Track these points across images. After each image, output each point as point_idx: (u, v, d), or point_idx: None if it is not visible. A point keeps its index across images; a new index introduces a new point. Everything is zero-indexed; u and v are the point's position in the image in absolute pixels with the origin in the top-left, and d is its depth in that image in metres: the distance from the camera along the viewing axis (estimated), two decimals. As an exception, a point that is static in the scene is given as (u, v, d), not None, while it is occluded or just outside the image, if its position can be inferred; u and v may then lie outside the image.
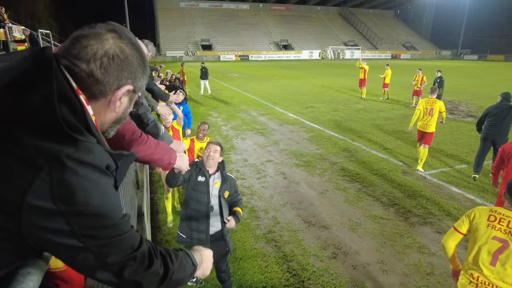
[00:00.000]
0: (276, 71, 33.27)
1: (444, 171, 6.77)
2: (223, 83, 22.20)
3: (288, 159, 7.42)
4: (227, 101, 15.10)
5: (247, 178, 6.39)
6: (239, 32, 64.64)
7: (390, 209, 5.20)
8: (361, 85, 15.75)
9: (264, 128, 10.19)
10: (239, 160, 7.34)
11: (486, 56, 64.64)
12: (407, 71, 27.14)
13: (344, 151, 8.00)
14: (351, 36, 71.47)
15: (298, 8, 75.36)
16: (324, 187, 5.98)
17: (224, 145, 8.30)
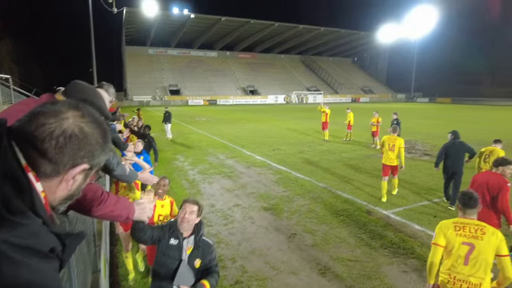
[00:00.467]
0: (243, 114, 34.02)
1: (406, 209, 6.99)
2: (191, 127, 22.25)
3: (256, 203, 7.36)
4: (195, 145, 15.05)
5: (214, 225, 6.22)
6: (207, 77, 66.41)
7: (357, 250, 5.22)
8: (323, 127, 16.42)
9: (232, 171, 10.16)
10: (206, 206, 7.16)
11: (436, 98, 70.54)
12: (366, 114, 28.81)
13: (310, 192, 8.09)
14: (313, 82, 75.62)
15: (263, 56, 79.40)
16: (292, 231, 5.93)
17: (190, 190, 8.14)
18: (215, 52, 74.68)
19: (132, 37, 65.04)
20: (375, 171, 10.18)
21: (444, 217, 6.36)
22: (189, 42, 71.46)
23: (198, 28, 63.74)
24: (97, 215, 1.61)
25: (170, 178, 9.00)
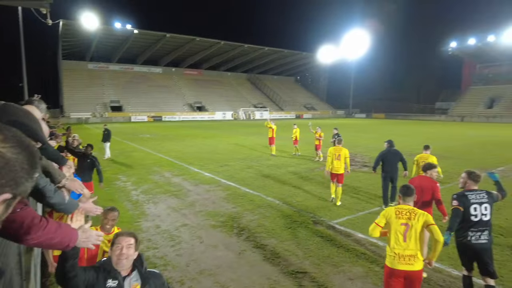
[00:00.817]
0: (190, 131, 33.47)
1: (350, 219, 7.33)
2: (133, 145, 21.26)
3: (204, 221, 7.19)
4: (138, 163, 14.37)
5: (160, 247, 5.92)
6: (151, 93, 64.48)
7: (306, 262, 5.31)
8: (270, 143, 16.79)
9: (179, 190, 9.85)
10: (150, 228, 6.82)
11: (371, 114, 76.83)
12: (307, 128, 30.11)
13: (260, 207, 8.13)
14: (259, 99, 77.42)
15: (209, 73, 79.58)
16: (242, 247, 5.87)
17: (133, 212, 7.71)
18: (160, 68, 73.14)
19: (70, 51, 61.09)
20: (320, 183, 10.59)
21: (383, 225, 6.80)
22: (132, 57, 69.11)
23: (142, 44, 62.10)
24: (34, 243, 1.46)
25: (111, 199, 8.48)
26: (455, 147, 20.28)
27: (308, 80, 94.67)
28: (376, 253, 5.61)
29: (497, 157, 16.01)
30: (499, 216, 7.55)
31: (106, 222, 3.44)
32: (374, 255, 5.53)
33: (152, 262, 5.22)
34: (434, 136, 26.72)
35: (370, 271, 5.00)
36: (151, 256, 5.46)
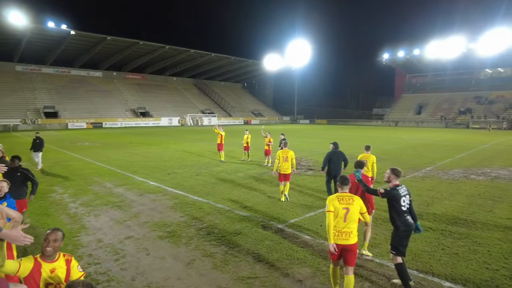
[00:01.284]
0: (134, 138, 32.01)
1: (297, 221, 7.55)
2: (71, 153, 19.73)
3: (150, 232, 6.90)
4: (76, 174, 13.36)
5: (102, 262, 5.55)
6: (90, 99, 60.54)
7: (256, 266, 5.36)
8: (219, 149, 16.72)
9: (122, 201, 9.34)
10: (91, 242, 6.37)
11: (315, 120, 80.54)
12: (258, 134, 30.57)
13: (209, 214, 8.03)
14: (207, 105, 76.77)
15: (154, 77, 77.08)
16: (191, 257, 5.74)
17: (71, 226, 7.15)
18: (100, 71, 69.07)
19: (-7, 51, 55.10)
20: (269, 187, 10.78)
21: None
22: (69, 60, 64.31)
23: (81, 46, 58.16)
24: None
25: (45, 213, 7.81)
26: (391, 149, 22.02)
27: (255, 87, 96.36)
28: (323, 253, 5.84)
29: (426, 158, 17.69)
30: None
31: (46, 244, 2.80)
32: (321, 255, 5.75)
33: (94, 279, 4.88)
34: (372, 140, 28.69)
35: (317, 271, 5.19)
36: (93, 272, 5.10)
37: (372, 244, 6.19)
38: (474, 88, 68.20)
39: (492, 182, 11.87)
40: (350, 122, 76.40)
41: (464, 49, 61.19)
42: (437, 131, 46.14)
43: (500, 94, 64.16)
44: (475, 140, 30.32)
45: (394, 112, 73.91)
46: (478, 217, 7.83)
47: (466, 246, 6.16)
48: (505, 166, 15.30)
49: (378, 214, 7.97)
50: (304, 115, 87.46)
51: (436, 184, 11.51)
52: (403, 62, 74.30)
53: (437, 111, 67.45)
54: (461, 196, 9.93)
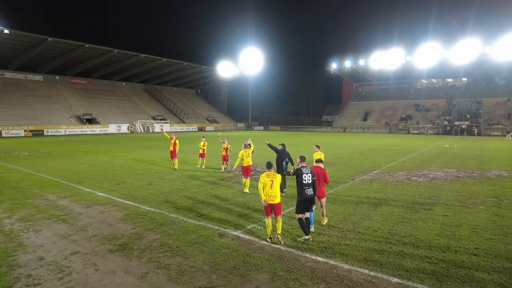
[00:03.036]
0: (79, 146, 30.03)
1: (253, 227, 7.56)
2: (5, 164, 17.94)
3: (99, 246, 6.47)
4: (12, 186, 12.17)
5: (45, 281, 5.08)
6: (29, 104, 55.84)
7: (213, 275, 5.26)
8: (172, 156, 16.27)
9: (67, 214, 8.67)
10: (31, 261, 5.81)
11: (269, 126, 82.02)
12: (214, 141, 30.29)
13: (162, 225, 7.74)
14: (159, 111, 74.59)
15: (101, 82, 73.32)
16: (144, 270, 5.47)
17: (6, 244, 6.51)
18: (40, 75, 64.13)
19: None
20: (225, 194, 10.70)
21: (284, 229, 7.23)
22: (3, 61, 58.82)
23: (17, 47, 53.57)
24: None
25: (-26, 232, 6.95)
26: (340, 154, 23.07)
27: (209, 93, 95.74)
28: (279, 257, 5.91)
29: (373, 162, 18.79)
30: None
31: None
32: (277, 260, 5.81)
33: (34, 302, 4.44)
34: (323, 145, 29.79)
35: (275, 276, 5.23)
36: (32, 294, 4.65)
37: (326, 246, 6.40)
38: (413, 97, 74.23)
39: (431, 183, 12.93)
40: (302, 128, 78.94)
41: (403, 60, 66.57)
42: (382, 137, 49.37)
43: (434, 102, 70.58)
44: (415, 145, 32.92)
45: (342, 118, 77.75)
46: (420, 216, 8.46)
47: (410, 243, 6.62)
48: (441, 168, 16.77)
49: (331, 217, 8.28)
50: (258, 122, 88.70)
51: (383, 186, 12.26)
52: (350, 72, 78.72)
53: (381, 117, 72.20)
54: (405, 196, 10.67)
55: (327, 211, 8.32)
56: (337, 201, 9.94)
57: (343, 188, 11.83)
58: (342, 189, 11.76)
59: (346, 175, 14.53)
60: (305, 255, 6.05)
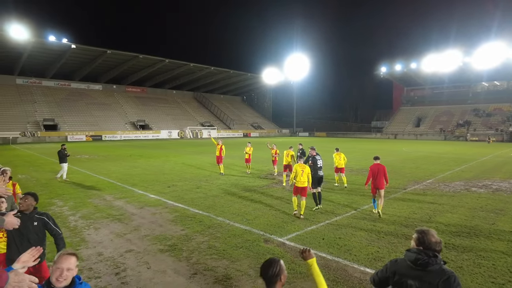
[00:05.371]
0: (133, 150, 31.98)
1: (299, 235, 7.48)
2: (70, 166, 19.59)
3: (151, 246, 6.82)
4: (75, 186, 13.30)
5: (103, 275, 5.47)
6: (90, 111, 60.78)
7: (258, 280, 5.28)
8: (218, 161, 16.68)
9: (122, 214, 9.26)
10: (91, 256, 6.29)
11: (314, 133, 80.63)
12: (261, 147, 30.58)
13: (210, 228, 7.96)
14: (207, 118, 77.08)
15: (154, 91, 77.62)
16: (193, 271, 5.66)
17: (71, 239, 7.08)
18: (100, 85, 69.61)
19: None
20: (270, 200, 10.72)
21: (331, 238, 7.06)
22: (69, 73, 64.91)
23: (81, 60, 58.78)
24: None
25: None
26: (391, 162, 22.01)
27: (255, 100, 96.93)
28: (325, 266, 5.77)
29: (426, 171, 17.68)
30: (431, 225, 8.24)
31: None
32: (323, 269, 5.68)
33: (94, 294, 4.80)
34: (372, 153, 28.72)
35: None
36: (93, 286, 5.02)
37: (375, 258, 6.13)
38: (471, 101, 68.80)
39: (494, 195, 11.83)
40: (349, 134, 76.64)
41: (460, 62, 62.04)
42: (436, 144, 46.29)
43: (497, 106, 64.72)
44: (475, 153, 30.39)
45: (393, 124, 74.26)
46: (482, 230, 7.78)
47: (471, 259, 6.10)
48: (505, 179, 15.29)
49: (381, 227, 7.93)
50: (303, 128, 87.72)
51: (438, 197, 11.47)
52: (401, 76, 75.14)
53: (435, 123, 67.82)
54: (463, 208, 9.89)
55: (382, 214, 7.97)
56: (387, 211, 9.49)
57: (393, 198, 11.27)
58: (392, 199, 11.21)
59: (397, 184, 13.83)
60: (353, 265, 5.86)
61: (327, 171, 14.60)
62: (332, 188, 12.96)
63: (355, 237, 7.26)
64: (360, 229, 7.81)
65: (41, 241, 4.16)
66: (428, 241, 2.69)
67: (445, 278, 2.52)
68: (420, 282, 2.59)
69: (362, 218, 8.76)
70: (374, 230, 7.73)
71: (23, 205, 4.11)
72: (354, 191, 12.37)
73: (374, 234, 7.48)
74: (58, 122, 54.43)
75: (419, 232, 2.77)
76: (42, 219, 4.21)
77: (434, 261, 2.58)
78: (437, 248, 2.68)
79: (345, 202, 10.64)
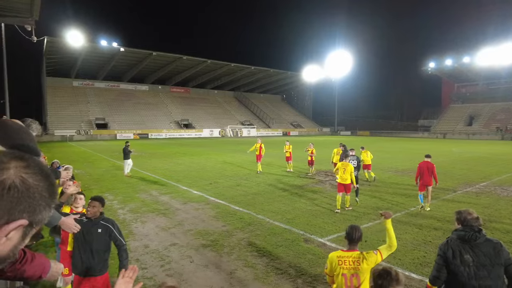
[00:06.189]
0: (177, 148, 33.22)
1: (340, 236, 7.33)
2: (120, 163, 20.87)
3: (194, 240, 7.06)
4: (125, 182, 14.12)
5: (149, 267, 5.77)
6: (137, 111, 64.07)
7: (298, 280, 5.26)
8: (258, 160, 16.81)
9: (167, 208, 9.69)
10: (138, 247, 6.66)
11: (356, 132, 78.02)
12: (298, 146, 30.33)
13: (250, 225, 8.06)
14: (247, 117, 77.90)
15: (196, 91, 79.96)
16: (233, 267, 5.78)
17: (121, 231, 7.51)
18: (146, 85, 73.09)
19: (54, 68, 60.56)
20: (310, 200, 10.61)
21: (373, 241, 6.84)
22: (118, 75, 68.93)
23: (129, 62, 62.13)
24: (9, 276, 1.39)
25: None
26: (439, 163, 20.70)
27: (294, 98, 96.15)
28: (367, 270, 5.61)
29: (479, 173, 16.44)
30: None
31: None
32: (366, 272, 5.52)
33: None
34: (419, 153, 27.29)
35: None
36: (140, 276, 5.31)
37: (422, 263, 5.85)
38: (534, 97, 62.69)
39: (560, 201, 10.71)
40: (394, 134, 73.15)
41: (521, 55, 56.69)
42: (492, 144, 42.77)
43: None
44: (537, 154, 27.66)
45: (442, 123, 69.88)
46: (544, 239, 7.09)
47: (531, 270, 5.59)
48: None
49: (428, 231, 7.53)
50: (345, 126, 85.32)
51: (494, 201, 10.63)
52: (451, 71, 70.36)
53: (491, 122, 62.68)
54: (522, 214, 9.07)
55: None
56: (435, 214, 8.98)
57: (442, 201, 10.64)
58: (441, 201, 10.58)
59: (446, 186, 13.02)
60: (397, 269, 5.62)
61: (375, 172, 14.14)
62: (376, 190, 12.52)
63: (399, 241, 6.93)
64: (404, 232, 7.48)
65: (105, 252, 3.94)
66: (465, 218, 3.14)
67: (494, 245, 2.97)
68: (474, 254, 2.95)
69: (407, 221, 8.38)
70: (421, 234, 7.36)
71: (90, 212, 3.90)
72: (398, 193, 11.85)
73: (421, 238, 7.12)
74: (108, 121, 58.06)
75: (457, 212, 3.30)
76: (107, 226, 3.93)
77: (480, 235, 3.00)
78: (475, 223, 3.10)
79: (388, 204, 10.23)
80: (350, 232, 3.36)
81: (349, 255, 3.27)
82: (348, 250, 3.36)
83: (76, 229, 2.76)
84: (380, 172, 16.49)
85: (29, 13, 26.81)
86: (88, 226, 3.81)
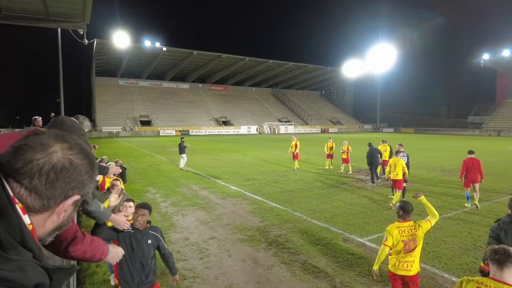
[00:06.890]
0: (216, 145, 33.93)
1: (381, 236, 7.08)
2: (162, 158, 21.80)
3: (232, 235, 7.20)
4: (167, 176, 14.70)
5: (189, 259, 5.97)
6: (179, 108, 66.28)
7: (336, 279, 5.18)
8: (294, 157, 16.64)
9: (206, 203, 9.95)
10: (179, 240, 6.91)
11: (400, 129, 74.54)
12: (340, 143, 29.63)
13: (287, 222, 8.05)
14: (284, 113, 77.56)
15: (235, 88, 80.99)
16: (270, 262, 5.81)
17: (162, 223, 7.85)
18: (187, 84, 75.31)
19: (103, 68, 64.46)
20: (348, 199, 10.37)
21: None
22: (161, 74, 71.74)
23: (170, 61, 64.34)
24: (72, 255, 1.54)
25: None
26: (492, 162, 19.26)
27: (334, 94, 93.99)
28: (410, 272, 5.38)
29: (538, 174, 15.04)
30: None
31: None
32: (409, 275, 5.29)
33: (182, 274, 5.27)
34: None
35: None
36: (180, 268, 5.52)
37: (470, 269, 5.49)
38: None
39: None
40: (441, 131, 68.94)
41: None
42: (555, 143, 38.86)
43: None
44: None
45: (496, 120, 64.72)
46: None
47: None
48: None
49: (478, 235, 7.04)
50: (387, 123, 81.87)
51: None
52: (508, 63, 64.76)
53: (553, 118, 56.99)
54: None
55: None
56: (487, 218, 8.37)
57: (495, 204, 9.88)
58: (494, 204, 9.84)
59: (499, 187, 12.08)
60: (443, 274, 5.34)
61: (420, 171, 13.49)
62: (420, 189, 11.93)
63: (445, 244, 6.60)
64: (451, 235, 7.06)
65: (153, 264, 3.62)
66: None
67: None
68: None
69: (455, 223, 7.90)
70: (470, 238, 6.91)
71: (139, 223, 3.52)
72: (445, 193, 11.20)
73: (470, 242, 6.68)
74: (152, 118, 60.68)
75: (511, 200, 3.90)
76: (156, 236, 3.63)
77: None
78: None
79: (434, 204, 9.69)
80: (404, 206, 4.06)
81: (406, 225, 3.99)
82: (404, 221, 4.03)
83: (127, 225, 2.86)
84: (425, 171, 15.70)
85: (81, 18, 28.75)
86: (138, 237, 3.49)
